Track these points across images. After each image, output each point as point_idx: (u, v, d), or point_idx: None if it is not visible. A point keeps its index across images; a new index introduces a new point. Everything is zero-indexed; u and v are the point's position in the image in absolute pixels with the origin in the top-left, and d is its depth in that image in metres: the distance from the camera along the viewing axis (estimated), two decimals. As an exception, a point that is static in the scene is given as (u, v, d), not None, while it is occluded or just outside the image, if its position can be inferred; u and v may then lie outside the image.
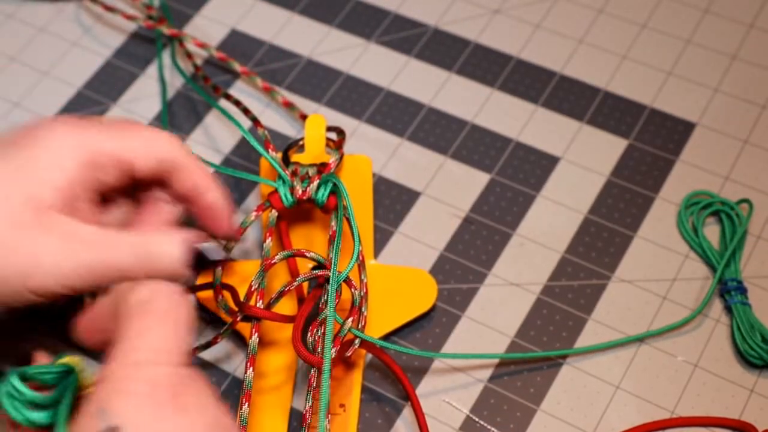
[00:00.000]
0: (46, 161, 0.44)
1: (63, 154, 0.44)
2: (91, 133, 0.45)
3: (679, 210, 0.57)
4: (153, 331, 0.41)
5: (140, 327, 0.41)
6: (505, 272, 0.56)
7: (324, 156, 0.56)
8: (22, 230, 0.42)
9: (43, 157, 0.44)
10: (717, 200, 0.57)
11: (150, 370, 0.39)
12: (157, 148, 0.46)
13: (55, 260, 0.43)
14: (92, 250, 0.43)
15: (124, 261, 0.43)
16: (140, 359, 0.40)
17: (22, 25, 0.68)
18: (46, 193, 0.43)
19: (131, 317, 0.41)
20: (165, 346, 0.40)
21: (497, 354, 0.53)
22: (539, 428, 0.51)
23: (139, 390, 0.38)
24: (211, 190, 0.48)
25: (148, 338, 0.40)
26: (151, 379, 0.39)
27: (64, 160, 0.44)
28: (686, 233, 0.56)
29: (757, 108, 0.61)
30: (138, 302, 0.42)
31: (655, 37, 0.65)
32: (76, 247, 0.43)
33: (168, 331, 0.41)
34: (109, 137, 0.45)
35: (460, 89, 0.63)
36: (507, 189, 0.59)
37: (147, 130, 0.47)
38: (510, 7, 0.67)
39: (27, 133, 0.45)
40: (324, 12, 0.68)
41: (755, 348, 0.51)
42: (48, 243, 0.43)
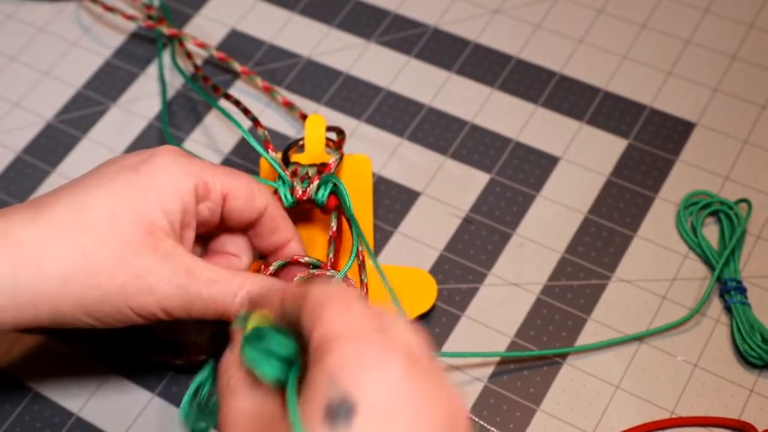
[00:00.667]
0: (160, 186, 0.45)
1: (177, 180, 0.45)
2: (202, 165, 0.46)
3: (678, 210, 0.57)
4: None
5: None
6: (505, 272, 0.56)
7: (324, 156, 0.56)
8: (131, 250, 0.43)
9: (157, 183, 0.45)
10: (716, 200, 0.57)
11: (375, 344, 0.35)
12: (257, 194, 0.48)
13: (162, 284, 0.43)
14: (196, 282, 0.44)
15: (223, 301, 0.44)
16: (361, 332, 0.36)
17: (22, 25, 0.68)
18: (159, 219, 0.44)
19: (334, 296, 0.38)
20: (372, 324, 0.37)
21: (497, 353, 0.53)
22: (539, 428, 0.51)
23: (373, 360, 0.35)
24: (294, 243, 0.50)
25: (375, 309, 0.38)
26: (385, 350, 0.35)
27: (178, 185, 0.45)
28: (685, 233, 0.56)
29: (757, 108, 0.61)
30: (335, 287, 0.38)
31: (655, 37, 0.65)
32: (182, 274, 0.44)
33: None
34: (217, 172, 0.47)
35: (460, 89, 0.63)
36: (507, 189, 0.59)
37: (249, 177, 0.48)
38: (510, 7, 0.67)
39: (145, 159, 0.45)
40: (324, 12, 0.68)
41: (755, 348, 0.51)
42: (158, 266, 0.43)
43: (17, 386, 0.53)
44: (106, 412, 0.52)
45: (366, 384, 0.34)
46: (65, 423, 0.52)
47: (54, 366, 0.54)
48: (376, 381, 0.34)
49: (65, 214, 0.43)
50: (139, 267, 0.43)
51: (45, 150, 0.62)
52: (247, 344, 0.39)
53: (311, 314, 0.37)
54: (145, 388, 0.53)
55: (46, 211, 0.43)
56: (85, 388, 0.53)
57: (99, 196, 0.44)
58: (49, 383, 0.53)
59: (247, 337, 0.39)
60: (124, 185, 0.44)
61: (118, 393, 0.53)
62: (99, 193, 0.44)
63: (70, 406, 0.52)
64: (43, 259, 0.42)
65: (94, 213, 0.43)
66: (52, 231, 0.43)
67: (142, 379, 0.53)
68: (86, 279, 0.43)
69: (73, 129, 0.63)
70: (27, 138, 0.63)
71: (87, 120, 0.63)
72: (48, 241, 0.43)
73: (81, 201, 0.44)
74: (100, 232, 0.43)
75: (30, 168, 0.61)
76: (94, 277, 0.43)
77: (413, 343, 0.36)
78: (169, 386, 0.53)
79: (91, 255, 0.43)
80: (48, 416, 0.52)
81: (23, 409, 0.52)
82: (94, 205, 0.44)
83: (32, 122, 0.64)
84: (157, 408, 0.52)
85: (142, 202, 0.44)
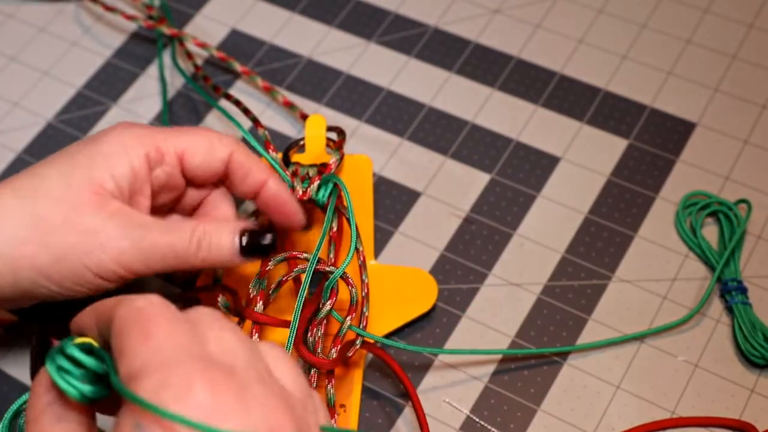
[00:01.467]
0: (110, 152, 0.47)
1: (126, 146, 0.47)
2: (155, 131, 0.48)
3: (677, 210, 0.57)
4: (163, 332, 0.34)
5: (153, 331, 0.34)
6: (506, 272, 0.56)
7: (324, 156, 0.56)
8: (79, 210, 0.45)
9: (107, 150, 0.47)
10: (715, 200, 0.57)
11: (180, 368, 0.33)
12: (217, 146, 0.49)
13: (113, 239, 0.45)
14: (150, 233, 0.45)
15: (180, 246, 0.46)
16: (164, 359, 0.33)
17: (22, 25, 0.68)
18: (107, 181, 0.46)
19: (133, 323, 0.35)
20: (180, 343, 0.34)
21: (498, 350, 0.53)
22: (539, 428, 0.51)
23: (175, 392, 0.32)
24: (272, 182, 0.50)
25: (163, 340, 0.34)
26: (186, 377, 0.32)
27: (128, 151, 0.47)
28: (684, 234, 0.56)
29: (757, 108, 0.61)
30: (137, 309, 0.35)
31: (655, 37, 0.65)
32: (134, 228, 0.45)
33: (176, 330, 0.34)
34: (172, 135, 0.48)
35: (461, 89, 0.63)
36: (507, 189, 0.59)
37: (207, 131, 0.49)
38: (510, 7, 0.67)
39: (101, 133, 0.48)
40: (324, 12, 0.68)
41: (757, 347, 0.51)
42: (106, 223, 0.45)
43: (17, 386, 0.53)
44: (106, 413, 0.52)
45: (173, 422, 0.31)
46: (66, 423, 0.52)
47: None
48: (184, 412, 0.31)
49: (23, 183, 0.46)
50: (87, 225, 0.45)
51: (45, 150, 0.62)
52: (48, 360, 0.36)
53: (116, 345, 0.34)
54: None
55: (8, 184, 0.46)
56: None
57: (54, 165, 0.46)
58: (49, 383, 0.53)
59: (50, 354, 0.36)
60: (77, 153, 0.47)
61: (119, 393, 0.53)
62: (54, 162, 0.47)
63: (71, 406, 0.52)
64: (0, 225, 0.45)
65: (47, 179, 0.46)
66: (9, 198, 0.45)
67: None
68: (39, 239, 0.45)
69: (73, 129, 0.63)
70: (27, 138, 0.63)
71: (87, 120, 0.63)
72: (3, 208, 0.45)
73: (38, 171, 0.47)
74: (51, 196, 0.45)
75: (30, 168, 0.61)
76: (46, 237, 0.45)
77: (228, 349, 0.34)
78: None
79: (43, 217, 0.45)
80: (48, 416, 0.52)
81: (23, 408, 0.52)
82: (49, 173, 0.46)
83: (32, 122, 0.64)
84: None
85: (92, 167, 0.46)
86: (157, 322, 0.34)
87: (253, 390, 0.33)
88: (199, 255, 0.46)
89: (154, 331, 0.33)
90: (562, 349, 0.53)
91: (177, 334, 0.34)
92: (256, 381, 0.34)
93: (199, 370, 0.32)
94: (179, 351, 0.33)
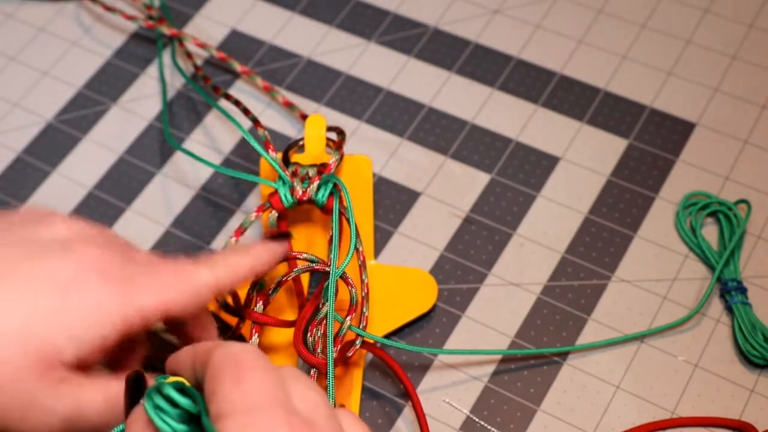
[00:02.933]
0: (82, 317, 0.41)
1: (102, 315, 0.41)
2: (134, 292, 0.42)
3: (677, 210, 0.57)
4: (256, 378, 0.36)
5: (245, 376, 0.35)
6: (506, 272, 0.56)
7: (324, 156, 0.56)
8: (33, 384, 0.40)
9: (79, 314, 0.41)
10: (714, 200, 0.57)
11: (266, 413, 0.34)
12: (192, 304, 0.44)
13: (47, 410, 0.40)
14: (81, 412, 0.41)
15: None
16: (252, 404, 0.34)
17: (22, 25, 0.68)
18: (67, 350, 0.41)
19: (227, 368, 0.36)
20: (269, 391, 0.35)
21: (498, 350, 0.53)
22: (539, 428, 0.51)
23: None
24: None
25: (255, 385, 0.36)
26: (271, 422, 0.34)
27: (102, 321, 0.41)
28: (684, 234, 0.56)
29: (757, 108, 0.61)
30: (232, 354, 0.36)
31: (655, 37, 0.65)
32: (83, 408, 0.41)
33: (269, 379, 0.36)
34: (150, 295, 0.43)
35: (460, 89, 0.63)
36: (507, 189, 0.59)
37: (184, 284, 0.44)
38: (510, 7, 0.67)
39: (64, 247, 0.42)
40: (324, 12, 0.68)
41: (757, 348, 0.51)
42: (57, 403, 0.40)
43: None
44: (106, 413, 0.52)
45: None
46: (66, 423, 0.52)
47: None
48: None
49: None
50: (40, 402, 0.40)
51: (45, 150, 0.62)
52: (147, 399, 0.37)
53: (208, 387, 0.35)
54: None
55: None
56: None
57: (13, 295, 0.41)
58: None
59: (148, 393, 0.37)
60: (43, 299, 0.41)
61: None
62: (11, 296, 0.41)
63: (71, 406, 0.52)
64: None
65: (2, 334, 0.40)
66: None
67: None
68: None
69: (73, 129, 0.63)
70: (27, 138, 0.63)
71: (87, 120, 0.63)
72: None
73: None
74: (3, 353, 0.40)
75: (30, 168, 0.61)
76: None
77: (311, 406, 0.35)
78: (169, 386, 0.53)
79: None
80: (48, 416, 0.52)
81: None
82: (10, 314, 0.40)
83: (32, 122, 0.64)
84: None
85: (53, 326, 0.40)
86: (250, 368, 0.35)
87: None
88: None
89: (246, 377, 0.35)
90: (562, 349, 0.53)
91: (267, 382, 0.35)
92: (328, 425, 0.35)
93: (283, 417, 0.34)
94: (267, 398, 0.34)
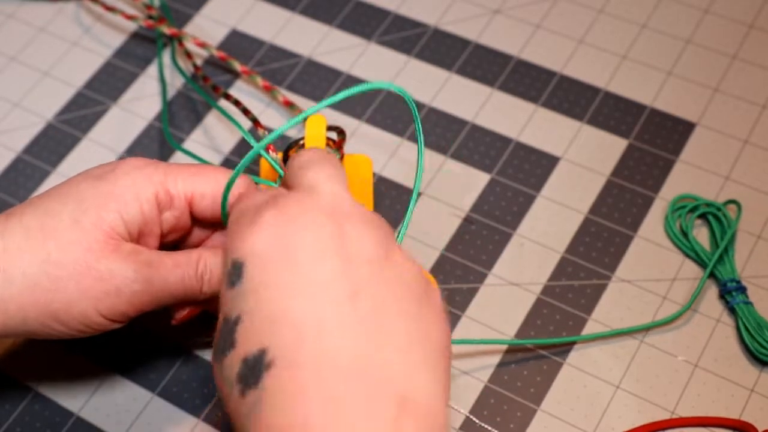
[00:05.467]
0: (120, 194, 0.46)
1: (138, 188, 0.46)
2: (165, 171, 0.47)
3: (666, 215, 0.57)
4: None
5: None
6: (506, 272, 0.56)
7: (324, 156, 0.56)
8: (94, 254, 0.44)
9: (118, 191, 0.46)
10: (702, 202, 0.57)
11: (261, 198, 0.41)
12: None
13: (126, 283, 0.44)
14: (160, 272, 0.45)
15: (188, 281, 0.46)
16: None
17: (22, 25, 0.68)
18: (118, 225, 0.45)
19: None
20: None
21: (504, 340, 0.53)
22: (539, 428, 0.51)
23: (248, 221, 0.40)
24: None
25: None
26: (259, 205, 0.41)
27: (138, 194, 0.46)
28: (676, 238, 0.56)
29: (757, 108, 0.61)
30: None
31: (655, 37, 0.65)
32: (146, 269, 0.45)
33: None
34: (181, 175, 0.47)
35: (461, 89, 0.63)
36: (507, 189, 0.59)
37: (217, 172, 0.48)
38: (510, 7, 0.67)
39: (110, 169, 0.47)
40: (324, 12, 0.68)
41: (765, 345, 0.51)
42: (120, 267, 0.44)
43: (17, 386, 0.53)
44: (106, 412, 0.52)
45: (245, 242, 0.39)
46: (65, 423, 0.52)
47: (54, 366, 0.54)
48: (254, 236, 0.39)
49: (32, 221, 0.45)
50: (101, 270, 0.44)
51: (45, 150, 0.62)
52: None
53: None
54: (145, 387, 0.53)
55: (16, 220, 0.45)
56: (85, 388, 0.53)
57: (65, 203, 0.45)
58: (49, 383, 0.53)
59: None
60: (88, 192, 0.46)
61: (119, 392, 0.53)
62: (65, 200, 0.45)
63: (71, 405, 0.52)
64: (9, 266, 0.44)
65: (58, 219, 0.45)
66: (19, 238, 0.44)
67: (143, 378, 0.53)
68: (51, 285, 0.44)
69: (73, 129, 0.63)
70: (27, 138, 0.63)
71: (87, 120, 0.63)
72: (14, 248, 0.44)
73: (47, 208, 0.45)
74: (64, 238, 0.44)
75: (30, 168, 0.61)
76: (59, 282, 0.44)
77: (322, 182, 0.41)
78: (169, 386, 0.53)
79: (56, 261, 0.44)
80: (48, 416, 0.52)
81: (23, 408, 0.52)
82: (60, 211, 0.45)
83: (32, 122, 0.64)
84: (158, 407, 0.52)
85: (104, 208, 0.45)
86: (250, 186, 0.47)
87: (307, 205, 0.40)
88: (204, 289, 0.46)
89: (249, 190, 0.46)
90: (567, 339, 0.53)
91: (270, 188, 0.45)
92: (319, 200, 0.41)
93: (265, 203, 0.41)
94: (264, 195, 0.42)
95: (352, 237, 0.38)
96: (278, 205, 0.39)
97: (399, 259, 0.39)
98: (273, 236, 0.38)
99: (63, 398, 0.53)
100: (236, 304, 0.38)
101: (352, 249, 0.38)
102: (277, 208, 0.39)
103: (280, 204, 0.39)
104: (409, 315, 0.37)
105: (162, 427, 0.51)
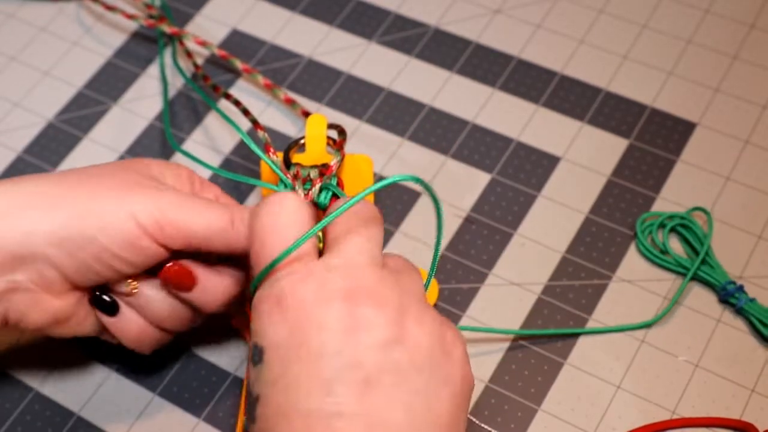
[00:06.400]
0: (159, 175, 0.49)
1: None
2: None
3: (636, 239, 0.56)
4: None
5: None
6: (506, 272, 0.56)
7: (325, 156, 0.56)
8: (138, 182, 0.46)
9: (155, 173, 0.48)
10: (665, 216, 0.56)
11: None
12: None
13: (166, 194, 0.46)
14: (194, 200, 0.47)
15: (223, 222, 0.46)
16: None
17: (22, 25, 0.68)
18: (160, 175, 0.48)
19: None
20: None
21: (510, 330, 0.53)
22: (540, 428, 0.51)
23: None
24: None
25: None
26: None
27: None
28: (655, 257, 0.55)
29: (758, 108, 0.61)
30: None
31: (655, 37, 0.65)
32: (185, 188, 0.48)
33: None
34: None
35: (461, 89, 0.63)
36: (508, 189, 0.59)
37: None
38: (510, 7, 0.67)
39: (135, 160, 0.49)
40: (325, 12, 0.68)
41: None
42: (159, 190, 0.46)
43: (19, 386, 0.53)
44: (107, 412, 0.52)
45: (266, 331, 0.40)
46: (66, 422, 0.52)
47: (54, 366, 0.54)
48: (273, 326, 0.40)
49: (72, 180, 0.46)
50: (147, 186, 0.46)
51: (46, 150, 0.62)
52: None
53: None
54: (145, 387, 0.53)
55: (58, 183, 0.46)
56: (86, 388, 0.53)
57: (105, 167, 0.47)
58: (49, 383, 0.53)
59: None
60: (129, 162, 0.48)
61: (119, 392, 0.53)
62: (105, 166, 0.48)
63: (71, 405, 0.52)
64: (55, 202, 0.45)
65: (101, 177, 0.46)
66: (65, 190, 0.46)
67: (143, 378, 0.53)
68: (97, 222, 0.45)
69: (73, 129, 0.63)
70: (28, 138, 0.63)
71: (88, 120, 0.63)
72: (60, 197, 0.45)
73: (86, 170, 0.47)
74: (106, 185, 0.46)
75: (31, 168, 0.61)
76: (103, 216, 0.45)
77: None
78: (170, 386, 0.53)
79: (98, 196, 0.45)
80: (49, 416, 0.52)
81: (24, 408, 0.52)
82: (101, 173, 0.47)
83: (33, 122, 0.64)
84: (158, 407, 0.52)
85: (147, 166, 0.48)
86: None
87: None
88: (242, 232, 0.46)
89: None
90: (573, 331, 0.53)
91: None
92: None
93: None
94: None
95: (364, 320, 0.39)
96: (296, 294, 0.40)
97: (413, 332, 0.40)
98: (289, 330, 0.39)
99: (64, 398, 0.53)
100: (257, 384, 0.40)
101: (362, 338, 0.39)
102: (295, 298, 0.40)
103: (298, 292, 0.40)
104: (414, 404, 0.39)
105: (162, 427, 0.51)
